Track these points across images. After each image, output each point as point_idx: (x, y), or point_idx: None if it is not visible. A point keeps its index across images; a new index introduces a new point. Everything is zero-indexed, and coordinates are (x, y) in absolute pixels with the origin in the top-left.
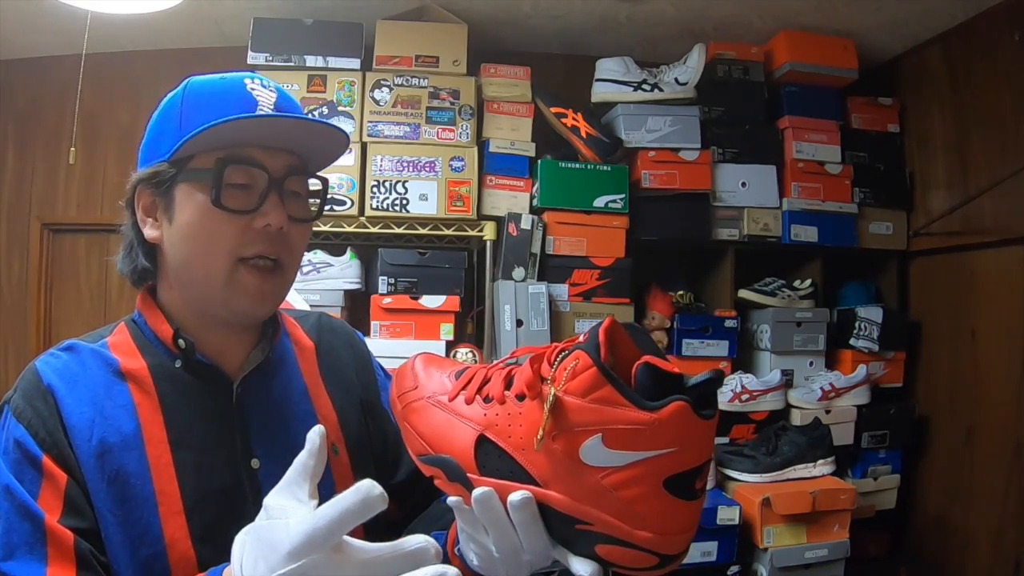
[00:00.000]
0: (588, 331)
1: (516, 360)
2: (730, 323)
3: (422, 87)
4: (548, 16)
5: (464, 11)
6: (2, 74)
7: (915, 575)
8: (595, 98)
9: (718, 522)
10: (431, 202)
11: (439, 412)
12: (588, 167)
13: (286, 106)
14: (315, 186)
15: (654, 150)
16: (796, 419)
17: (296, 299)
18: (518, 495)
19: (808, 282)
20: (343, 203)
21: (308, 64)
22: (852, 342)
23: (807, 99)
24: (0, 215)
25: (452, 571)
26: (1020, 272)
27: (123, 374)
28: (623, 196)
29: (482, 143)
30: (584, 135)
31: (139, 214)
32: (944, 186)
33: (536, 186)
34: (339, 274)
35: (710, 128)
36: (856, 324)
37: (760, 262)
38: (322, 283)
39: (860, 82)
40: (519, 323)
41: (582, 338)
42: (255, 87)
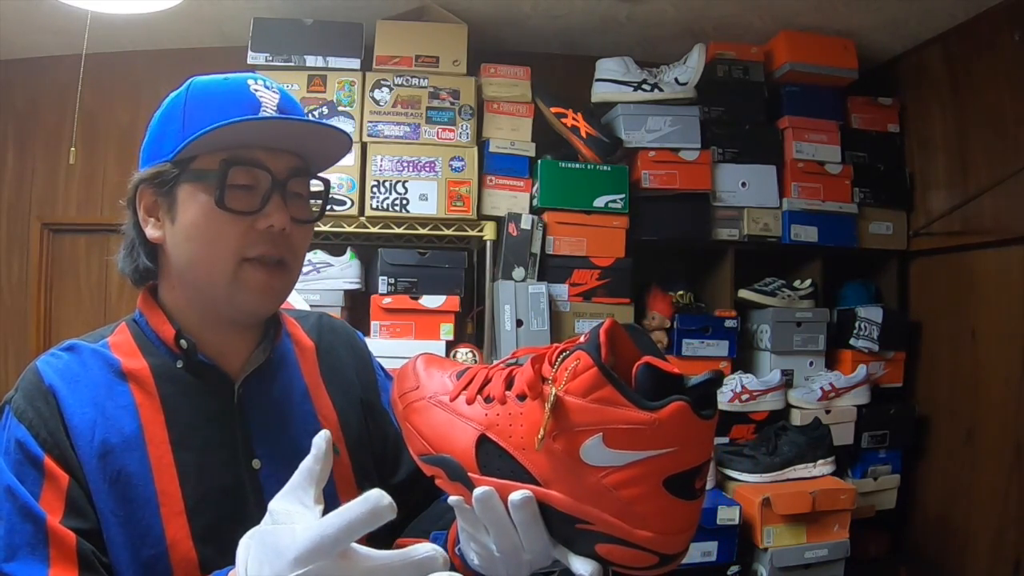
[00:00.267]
0: (589, 332)
1: (517, 360)
2: (730, 323)
3: (422, 87)
4: (548, 16)
5: (464, 11)
6: (2, 74)
7: (915, 575)
8: (595, 98)
9: (718, 522)
10: (431, 202)
11: (440, 412)
12: (588, 167)
13: (289, 107)
14: (317, 187)
15: (654, 150)
16: (796, 419)
17: (296, 299)
18: (519, 494)
19: (808, 282)
20: (343, 203)
21: (308, 64)
22: (852, 342)
23: (807, 99)
24: (0, 215)
25: None
26: (1020, 272)
27: (124, 374)
28: (623, 196)
29: (482, 143)
30: (584, 135)
31: (141, 214)
32: (944, 186)
33: (536, 186)
34: (339, 274)
35: (710, 128)
36: (856, 324)
37: (760, 262)
38: (322, 283)
39: (860, 82)
40: (519, 323)
41: (583, 338)
42: (258, 88)
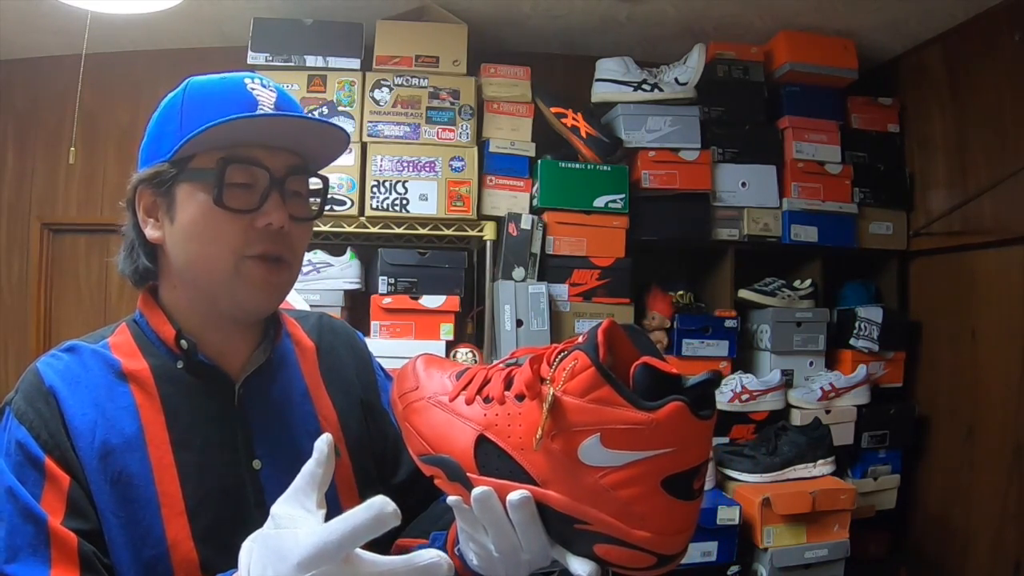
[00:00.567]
0: (587, 332)
1: (516, 361)
2: (730, 323)
3: (422, 87)
4: (548, 16)
5: (464, 11)
6: (2, 74)
7: (915, 575)
8: (595, 98)
9: (718, 522)
10: (431, 202)
11: (440, 412)
12: (588, 167)
13: (286, 106)
14: (316, 185)
15: (654, 150)
16: (796, 419)
17: (296, 299)
18: (517, 494)
19: (808, 282)
20: (343, 203)
21: (308, 64)
22: (852, 342)
23: (807, 99)
24: (0, 215)
25: None
26: (1020, 272)
27: (125, 375)
28: (623, 196)
29: (482, 143)
30: (584, 135)
31: (140, 214)
32: (944, 186)
33: (536, 186)
34: (339, 274)
35: (710, 128)
36: (856, 324)
37: (760, 262)
38: (322, 283)
39: (860, 82)
40: (519, 323)
41: (581, 339)
42: (255, 87)
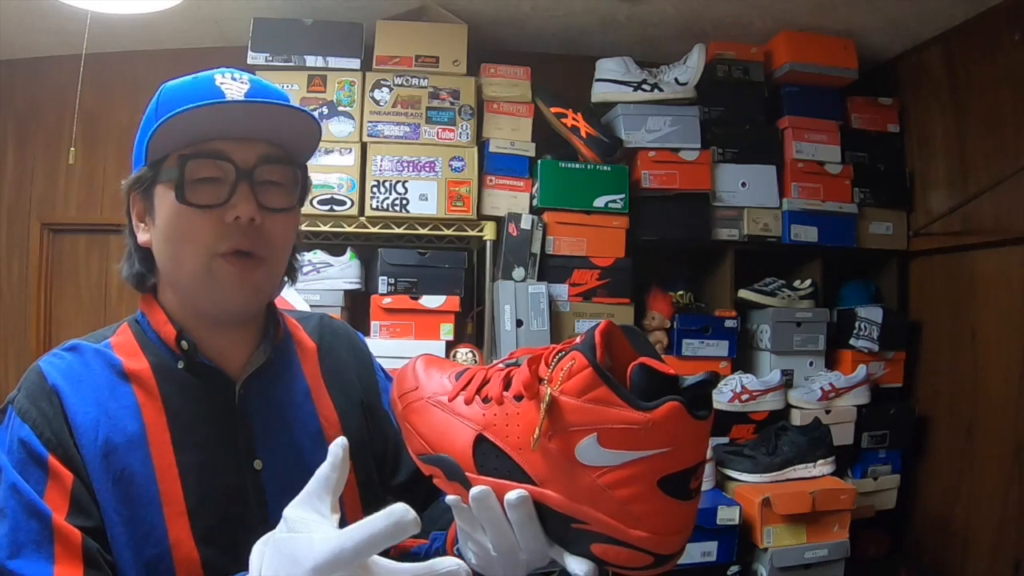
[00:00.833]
0: (585, 332)
1: (515, 361)
2: (730, 323)
3: (422, 87)
4: (548, 16)
5: (464, 11)
6: (2, 74)
7: (915, 575)
8: (595, 98)
9: (718, 522)
10: (431, 202)
11: (439, 412)
12: (588, 167)
13: (259, 95)
14: None
15: (654, 150)
16: (796, 419)
17: (296, 299)
18: (514, 494)
19: (808, 282)
20: (343, 203)
21: (308, 64)
22: (852, 342)
23: (807, 99)
24: (0, 215)
25: None
26: (1020, 272)
27: (126, 375)
28: (623, 196)
29: (482, 143)
30: (584, 135)
31: (134, 220)
32: (944, 186)
33: (536, 186)
34: (339, 274)
35: (710, 128)
36: (856, 324)
37: (760, 262)
38: (322, 283)
39: (860, 82)
40: (519, 323)
41: (579, 339)
42: (224, 80)
